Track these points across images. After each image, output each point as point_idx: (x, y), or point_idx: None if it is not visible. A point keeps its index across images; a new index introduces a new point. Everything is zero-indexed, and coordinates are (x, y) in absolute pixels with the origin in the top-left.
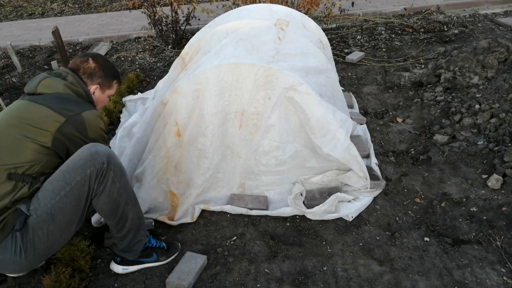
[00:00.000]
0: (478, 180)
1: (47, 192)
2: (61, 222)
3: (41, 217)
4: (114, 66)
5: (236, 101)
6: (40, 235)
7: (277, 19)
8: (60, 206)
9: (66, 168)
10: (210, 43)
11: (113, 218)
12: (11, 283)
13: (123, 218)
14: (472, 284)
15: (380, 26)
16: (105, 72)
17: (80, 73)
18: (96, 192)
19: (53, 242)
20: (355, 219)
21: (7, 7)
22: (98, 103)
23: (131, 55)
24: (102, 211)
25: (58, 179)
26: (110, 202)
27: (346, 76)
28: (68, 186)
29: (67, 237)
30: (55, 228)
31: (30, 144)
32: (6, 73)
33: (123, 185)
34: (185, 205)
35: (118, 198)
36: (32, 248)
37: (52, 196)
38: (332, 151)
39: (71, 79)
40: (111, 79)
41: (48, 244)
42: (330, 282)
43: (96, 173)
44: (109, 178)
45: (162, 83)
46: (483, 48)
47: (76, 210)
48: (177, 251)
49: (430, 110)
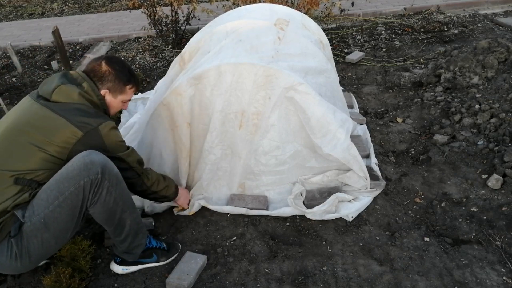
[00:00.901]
0: (478, 180)
1: (41, 201)
2: (55, 230)
3: (35, 225)
4: (129, 70)
5: (236, 101)
6: (34, 242)
7: (277, 19)
8: (54, 215)
9: (60, 177)
10: (210, 44)
11: (110, 225)
12: (11, 283)
13: (120, 224)
14: (472, 284)
15: (380, 26)
16: (117, 76)
17: (92, 76)
18: (91, 202)
19: (48, 248)
20: (355, 219)
21: (7, 7)
22: (110, 108)
23: (131, 55)
24: (98, 219)
25: (52, 188)
26: (106, 211)
27: (346, 76)
28: (61, 196)
29: (62, 243)
30: (49, 236)
31: (39, 153)
32: (6, 73)
33: (119, 193)
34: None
35: (115, 206)
36: (27, 255)
37: (46, 206)
38: (332, 151)
39: (86, 87)
40: (124, 84)
41: (43, 250)
42: (330, 282)
43: (90, 183)
44: (104, 188)
45: (161, 82)
46: (483, 48)
47: (71, 219)
48: (177, 252)
49: (430, 110)
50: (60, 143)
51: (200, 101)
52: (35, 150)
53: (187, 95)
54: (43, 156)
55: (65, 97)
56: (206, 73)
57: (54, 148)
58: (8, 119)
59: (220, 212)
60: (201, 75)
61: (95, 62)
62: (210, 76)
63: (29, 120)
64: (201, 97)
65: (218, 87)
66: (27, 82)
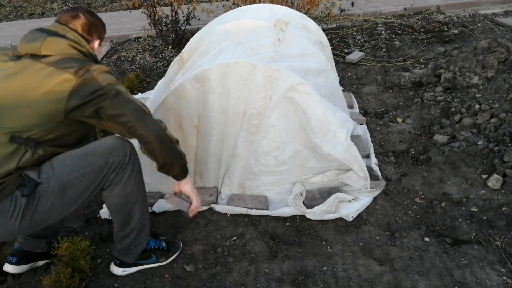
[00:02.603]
0: (478, 180)
1: (65, 166)
2: (68, 198)
3: (52, 187)
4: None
5: (237, 101)
6: (43, 204)
7: (276, 20)
8: (74, 183)
9: (91, 149)
10: (209, 45)
11: (120, 214)
12: (11, 283)
13: (130, 216)
14: (472, 284)
15: (380, 26)
16: (101, 24)
17: (74, 27)
18: (112, 182)
19: (51, 214)
20: (355, 219)
21: (7, 7)
22: (98, 56)
23: (131, 55)
24: (112, 204)
25: (80, 157)
26: (122, 196)
27: (346, 76)
28: (89, 167)
29: (63, 214)
30: (59, 202)
31: (34, 108)
32: None
33: (137, 181)
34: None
35: (131, 193)
36: (29, 216)
37: (70, 171)
38: (332, 151)
39: (73, 37)
40: (104, 29)
41: (46, 215)
42: (330, 282)
43: (118, 163)
44: (127, 171)
45: (161, 82)
46: (483, 48)
47: (85, 192)
48: (177, 251)
49: (430, 110)
50: (54, 95)
51: (204, 103)
52: (28, 106)
53: (192, 98)
54: (38, 111)
55: (55, 49)
56: (208, 75)
57: (48, 101)
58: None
59: (220, 212)
60: (203, 76)
61: (71, 15)
62: (212, 78)
63: (23, 77)
64: (205, 99)
65: (220, 89)
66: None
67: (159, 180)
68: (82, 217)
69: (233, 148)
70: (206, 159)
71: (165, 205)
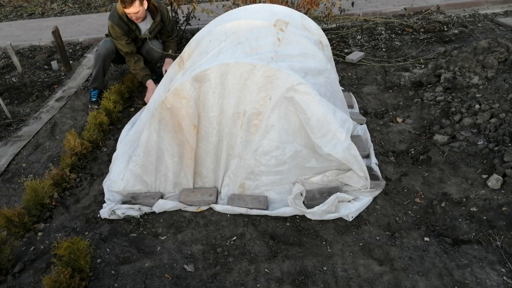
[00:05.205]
0: (478, 180)
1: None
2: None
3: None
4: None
5: (237, 101)
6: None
7: (276, 20)
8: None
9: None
10: (209, 45)
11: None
12: (11, 283)
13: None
14: (472, 284)
15: (380, 26)
16: None
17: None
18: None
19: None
20: (355, 219)
21: (7, 7)
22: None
23: None
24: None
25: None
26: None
27: (346, 76)
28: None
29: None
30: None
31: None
32: (6, 73)
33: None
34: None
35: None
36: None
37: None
38: (332, 151)
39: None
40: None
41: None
42: (330, 282)
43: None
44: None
45: (161, 82)
46: (483, 48)
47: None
48: None
49: (430, 110)
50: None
51: (204, 103)
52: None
53: (192, 98)
54: None
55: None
56: (208, 75)
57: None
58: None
59: (220, 212)
60: (203, 76)
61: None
62: (212, 78)
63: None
64: (205, 99)
65: (220, 89)
66: (27, 82)
67: (159, 180)
68: (82, 217)
69: (233, 148)
70: (206, 159)
71: (165, 205)
